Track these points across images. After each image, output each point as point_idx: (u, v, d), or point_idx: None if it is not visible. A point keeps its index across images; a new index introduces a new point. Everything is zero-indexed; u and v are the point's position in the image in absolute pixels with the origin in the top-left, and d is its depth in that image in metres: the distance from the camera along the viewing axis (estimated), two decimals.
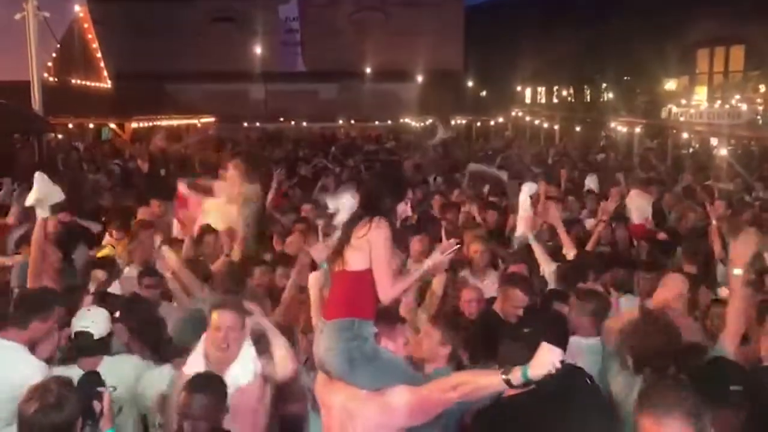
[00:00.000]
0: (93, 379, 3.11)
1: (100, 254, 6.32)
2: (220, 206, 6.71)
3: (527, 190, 6.89)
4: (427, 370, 3.74)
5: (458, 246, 3.63)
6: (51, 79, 17.87)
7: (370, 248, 3.18)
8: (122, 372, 3.80)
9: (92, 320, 3.86)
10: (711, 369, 3.37)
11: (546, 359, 2.72)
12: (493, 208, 8.25)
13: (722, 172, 12.43)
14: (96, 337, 3.83)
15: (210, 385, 3.22)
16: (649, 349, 3.50)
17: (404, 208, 3.49)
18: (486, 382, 2.91)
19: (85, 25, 21.44)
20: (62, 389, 2.88)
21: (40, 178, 4.86)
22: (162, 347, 3.95)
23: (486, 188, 9.87)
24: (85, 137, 19.97)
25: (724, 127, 17.01)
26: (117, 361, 3.89)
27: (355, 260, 3.21)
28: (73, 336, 3.85)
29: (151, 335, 4.21)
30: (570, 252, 5.65)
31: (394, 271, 3.30)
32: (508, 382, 2.79)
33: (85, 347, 3.83)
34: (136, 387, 3.84)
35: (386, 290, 3.19)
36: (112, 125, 20.23)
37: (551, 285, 5.35)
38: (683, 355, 3.58)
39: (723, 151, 14.94)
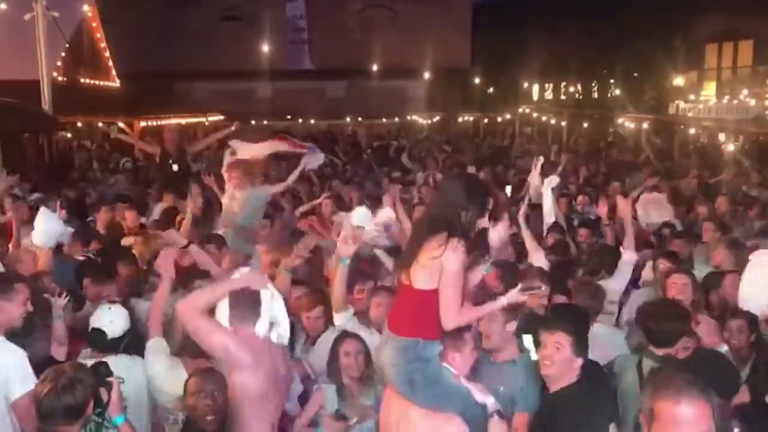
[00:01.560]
0: (102, 369, 3.19)
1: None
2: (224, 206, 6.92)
3: (549, 183, 6.75)
4: (498, 358, 3.63)
5: (541, 289, 3.47)
6: (60, 78, 17.97)
7: (441, 270, 2.99)
8: (130, 371, 3.84)
9: (110, 320, 3.91)
10: (704, 361, 3.45)
11: None
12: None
13: (730, 168, 12.38)
14: (109, 337, 3.89)
15: (215, 369, 3.35)
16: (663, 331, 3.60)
17: (483, 220, 3.22)
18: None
19: (94, 24, 21.52)
20: (76, 372, 2.97)
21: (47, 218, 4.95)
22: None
23: None
24: (94, 136, 20.07)
25: (732, 123, 16.93)
26: (123, 360, 3.91)
27: (423, 279, 3.04)
28: (90, 329, 3.90)
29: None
30: (627, 251, 5.53)
31: (463, 297, 3.11)
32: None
33: (98, 344, 3.88)
34: (151, 385, 3.86)
35: (451, 318, 3.03)
36: (121, 124, 20.32)
37: None
38: None
39: (731, 147, 14.89)
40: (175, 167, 9.67)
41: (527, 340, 3.46)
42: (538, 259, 5.65)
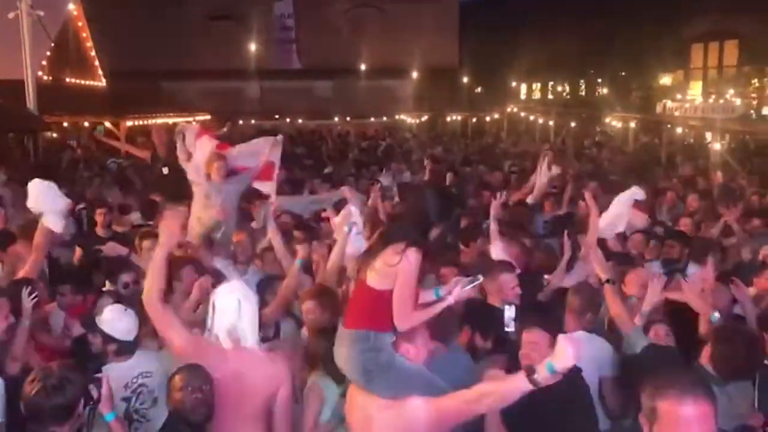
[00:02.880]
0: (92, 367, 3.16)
1: None
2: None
3: (632, 195, 5.80)
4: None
5: (480, 280, 3.42)
6: (45, 77, 17.83)
7: (396, 276, 3.04)
8: (154, 365, 3.86)
9: (125, 323, 3.86)
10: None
11: (568, 350, 2.62)
12: None
13: (716, 169, 12.47)
14: (127, 339, 3.85)
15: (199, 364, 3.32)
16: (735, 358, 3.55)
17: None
18: (512, 386, 2.78)
19: (79, 23, 21.37)
20: (64, 372, 2.92)
21: (46, 190, 4.77)
22: None
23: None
24: (80, 136, 19.92)
25: (719, 122, 17.06)
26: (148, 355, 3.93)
27: (377, 281, 3.09)
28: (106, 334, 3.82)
29: None
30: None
31: (415, 298, 3.14)
32: (534, 381, 2.69)
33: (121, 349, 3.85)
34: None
35: (403, 319, 3.07)
36: (108, 124, 20.20)
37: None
38: None
39: (717, 146, 15.00)
40: (165, 170, 9.36)
41: (509, 310, 3.44)
42: (496, 250, 5.54)
